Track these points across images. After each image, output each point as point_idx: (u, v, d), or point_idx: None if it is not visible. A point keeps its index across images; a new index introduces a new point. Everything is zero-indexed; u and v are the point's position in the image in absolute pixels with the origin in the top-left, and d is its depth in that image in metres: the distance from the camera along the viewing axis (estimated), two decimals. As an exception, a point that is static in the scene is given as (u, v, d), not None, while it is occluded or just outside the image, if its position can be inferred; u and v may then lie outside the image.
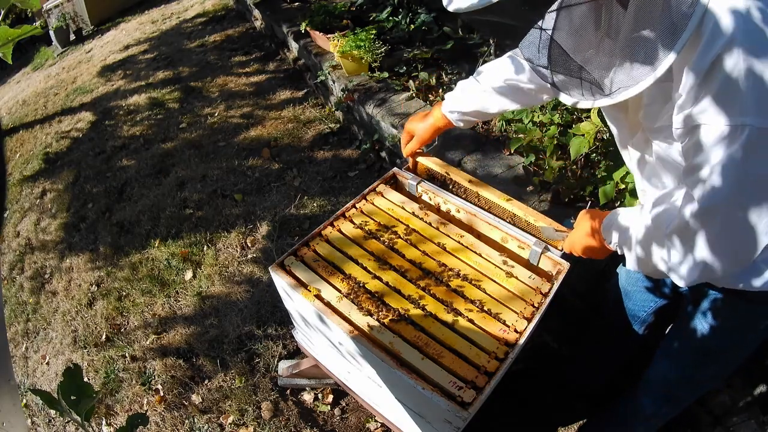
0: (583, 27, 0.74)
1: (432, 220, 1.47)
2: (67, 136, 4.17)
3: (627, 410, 1.47)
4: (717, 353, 1.15)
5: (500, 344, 1.16)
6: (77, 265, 2.90)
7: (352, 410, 1.93)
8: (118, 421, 2.08)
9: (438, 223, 1.46)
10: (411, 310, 1.23)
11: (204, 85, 4.19)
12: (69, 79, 5.19)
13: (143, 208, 3.08)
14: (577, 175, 1.91)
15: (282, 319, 2.24)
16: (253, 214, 2.82)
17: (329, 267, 1.35)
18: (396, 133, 2.63)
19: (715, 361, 1.17)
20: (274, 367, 2.08)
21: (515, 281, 1.30)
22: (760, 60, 0.68)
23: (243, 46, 4.66)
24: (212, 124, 3.68)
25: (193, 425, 1.98)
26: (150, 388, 2.15)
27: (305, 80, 3.82)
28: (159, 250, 2.76)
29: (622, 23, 0.73)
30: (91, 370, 2.31)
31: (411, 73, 2.94)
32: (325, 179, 2.95)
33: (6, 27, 0.66)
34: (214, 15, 5.52)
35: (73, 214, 3.29)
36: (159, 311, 2.46)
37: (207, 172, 3.21)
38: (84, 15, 6.45)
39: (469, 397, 1.07)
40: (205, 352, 2.21)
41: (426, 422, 1.27)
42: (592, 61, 0.77)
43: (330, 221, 1.46)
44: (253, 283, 2.46)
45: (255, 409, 1.97)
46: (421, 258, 1.36)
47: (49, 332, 2.61)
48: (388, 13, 3.35)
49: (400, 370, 1.12)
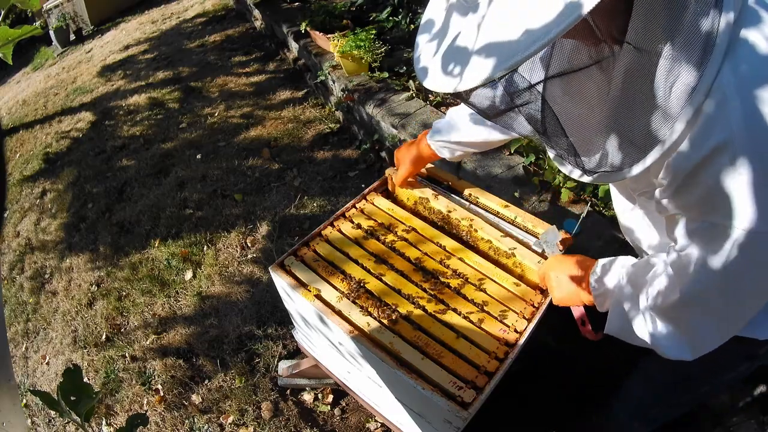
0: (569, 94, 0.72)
1: (440, 207, 1.44)
2: (67, 136, 4.17)
3: (600, 418, 1.46)
4: (693, 382, 1.11)
5: (500, 344, 1.16)
6: (77, 265, 2.90)
7: (352, 410, 1.93)
8: (118, 421, 2.08)
9: (441, 219, 1.45)
10: (411, 310, 1.23)
11: (204, 85, 4.19)
12: (69, 79, 5.19)
13: (143, 208, 3.08)
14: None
15: (282, 319, 2.24)
16: (253, 214, 2.82)
17: (329, 267, 1.35)
18: (396, 133, 2.63)
19: (688, 390, 1.14)
20: (274, 367, 2.08)
21: (513, 284, 1.30)
22: (757, 165, 0.60)
23: (243, 46, 4.66)
24: (212, 124, 3.68)
25: (193, 425, 1.98)
26: (150, 388, 2.15)
27: (305, 80, 3.82)
28: (159, 250, 2.76)
29: (607, 94, 0.69)
30: (91, 370, 2.31)
31: (411, 73, 2.94)
32: (325, 179, 2.95)
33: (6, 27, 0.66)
34: (214, 15, 5.52)
35: (73, 214, 3.28)
36: (159, 311, 2.46)
37: (207, 172, 3.21)
38: (84, 15, 6.45)
39: (469, 397, 1.07)
40: (205, 352, 2.21)
41: (426, 422, 1.27)
42: (574, 132, 0.74)
43: (330, 221, 1.46)
44: (253, 283, 2.46)
45: (255, 409, 1.97)
46: (421, 258, 1.36)
47: (49, 332, 2.61)
48: (388, 13, 3.36)
49: (400, 370, 1.12)
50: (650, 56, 0.63)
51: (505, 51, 0.59)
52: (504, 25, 0.60)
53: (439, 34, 0.70)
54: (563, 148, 0.77)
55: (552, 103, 0.72)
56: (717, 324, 0.77)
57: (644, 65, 0.64)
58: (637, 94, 0.67)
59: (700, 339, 0.79)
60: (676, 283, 0.76)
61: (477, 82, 0.62)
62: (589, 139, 0.75)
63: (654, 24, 0.62)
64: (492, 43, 0.61)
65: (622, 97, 0.68)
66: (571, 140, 0.75)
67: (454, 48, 0.66)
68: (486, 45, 0.61)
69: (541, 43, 0.56)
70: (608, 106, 0.71)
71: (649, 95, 0.65)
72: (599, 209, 1.90)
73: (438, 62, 0.68)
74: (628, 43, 0.64)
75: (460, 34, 0.65)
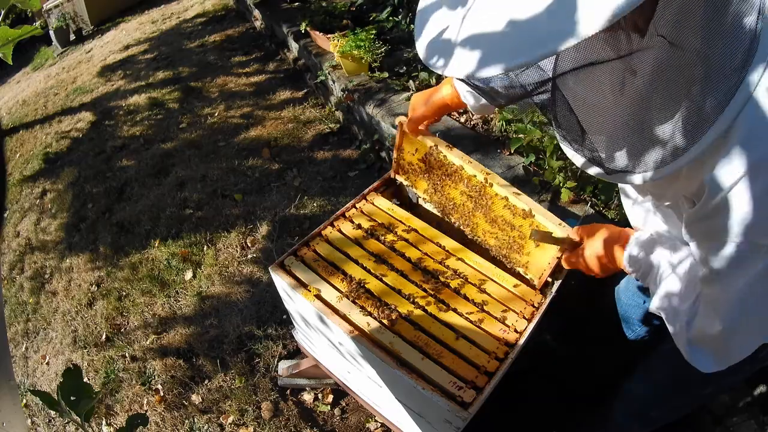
0: (591, 90, 0.64)
1: (454, 158, 1.33)
2: (67, 136, 4.17)
3: (600, 419, 1.46)
4: (693, 386, 1.10)
5: (500, 344, 1.16)
6: (77, 265, 2.90)
7: (352, 410, 1.93)
8: (118, 421, 2.08)
9: None
10: (411, 310, 1.23)
11: (204, 85, 4.19)
12: (69, 79, 5.19)
13: (143, 208, 3.08)
14: (577, 175, 1.91)
15: (282, 319, 2.24)
16: (253, 214, 2.82)
17: (329, 267, 1.34)
18: (396, 133, 2.63)
19: (689, 393, 1.13)
20: (274, 367, 2.08)
21: (513, 284, 1.30)
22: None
23: (243, 46, 4.66)
24: (212, 124, 3.68)
25: (193, 425, 1.98)
26: (150, 388, 2.15)
27: (305, 80, 3.81)
28: (159, 250, 2.76)
29: (633, 92, 0.62)
30: (91, 370, 2.31)
31: (411, 73, 2.94)
32: (325, 179, 2.95)
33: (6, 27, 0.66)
34: (214, 15, 5.51)
35: (73, 214, 3.28)
36: (159, 311, 2.46)
37: (207, 172, 3.21)
38: (84, 15, 6.44)
39: (469, 397, 1.07)
40: (205, 352, 2.21)
41: (426, 422, 1.27)
42: (593, 129, 0.67)
43: (330, 221, 1.46)
44: (253, 283, 2.46)
45: (255, 409, 1.97)
46: (421, 258, 1.36)
47: (49, 332, 2.60)
48: (388, 13, 3.35)
49: (400, 370, 1.12)
50: (684, 53, 0.56)
51: (533, 40, 0.51)
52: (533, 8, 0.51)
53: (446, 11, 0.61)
54: (579, 142, 0.70)
55: (566, 93, 0.64)
56: (752, 339, 0.76)
57: (676, 61, 0.57)
58: (667, 93, 0.60)
59: (736, 355, 0.77)
60: (715, 315, 0.72)
61: (497, 71, 0.54)
62: (608, 134, 0.68)
63: (689, 18, 0.54)
64: (514, 30, 0.52)
65: (648, 94, 0.61)
66: (588, 135, 0.68)
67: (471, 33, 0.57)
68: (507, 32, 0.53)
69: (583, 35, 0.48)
70: (630, 101, 0.64)
71: (681, 95, 0.59)
72: (599, 209, 1.90)
73: (454, 45, 0.58)
74: (662, 36, 0.56)
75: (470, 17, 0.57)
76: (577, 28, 0.48)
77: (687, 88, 0.58)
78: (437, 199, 1.43)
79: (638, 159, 0.66)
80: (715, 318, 0.73)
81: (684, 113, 0.59)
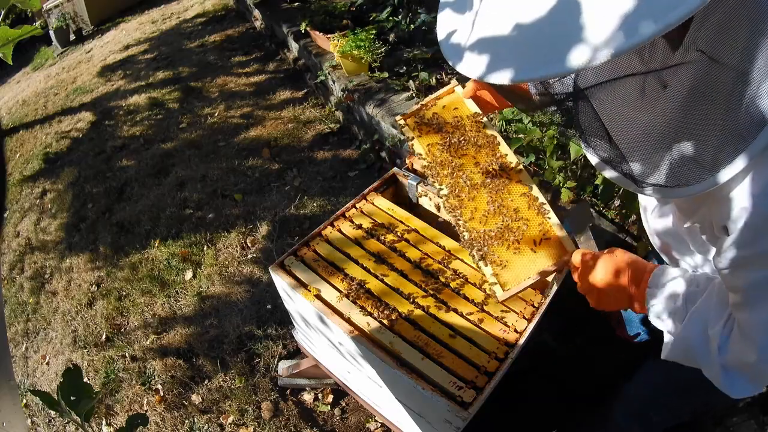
0: (616, 102, 0.61)
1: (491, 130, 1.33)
2: (67, 136, 4.16)
3: (600, 419, 1.45)
4: (694, 390, 1.07)
5: (500, 344, 1.16)
6: (77, 265, 2.90)
7: (352, 410, 1.93)
8: (118, 421, 2.08)
9: None
10: (411, 310, 1.23)
11: (204, 85, 4.19)
12: (69, 79, 5.19)
13: (143, 208, 3.08)
14: (576, 175, 1.91)
15: (282, 319, 2.24)
16: (253, 214, 2.82)
17: (329, 267, 1.34)
18: (396, 133, 2.63)
19: (689, 398, 1.11)
20: (274, 367, 2.08)
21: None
22: None
23: (243, 46, 4.66)
24: (212, 124, 3.68)
25: (193, 425, 1.98)
26: (150, 388, 2.15)
27: (305, 80, 3.82)
28: (159, 250, 2.76)
29: (667, 105, 0.59)
30: (91, 370, 2.31)
31: (411, 73, 2.94)
32: (325, 179, 2.95)
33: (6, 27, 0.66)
34: (214, 15, 5.51)
35: (73, 214, 3.28)
36: (159, 311, 2.46)
37: (207, 172, 3.21)
38: (84, 15, 6.44)
39: (469, 397, 1.07)
40: (205, 352, 2.21)
41: (426, 422, 1.27)
42: (624, 139, 0.63)
43: (330, 221, 1.46)
44: (253, 283, 2.46)
45: (255, 409, 1.97)
46: (422, 258, 1.36)
47: (49, 332, 2.60)
48: (388, 13, 3.35)
49: (400, 370, 1.12)
50: (721, 68, 0.54)
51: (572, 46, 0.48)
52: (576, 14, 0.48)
53: None
54: (607, 153, 0.67)
55: (595, 103, 0.62)
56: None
57: (715, 77, 0.55)
58: (705, 108, 0.57)
59: (766, 379, 0.75)
60: (750, 345, 0.70)
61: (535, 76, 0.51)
62: (638, 147, 0.65)
63: (731, 33, 0.53)
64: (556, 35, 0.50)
65: (686, 108, 0.59)
66: (617, 146, 0.65)
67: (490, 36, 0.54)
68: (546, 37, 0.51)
69: (630, 43, 0.46)
70: (665, 114, 0.61)
71: (720, 111, 0.56)
72: (600, 209, 1.90)
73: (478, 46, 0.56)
74: (701, 51, 0.54)
75: None
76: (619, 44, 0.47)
77: (726, 104, 0.56)
78: (439, 156, 1.32)
79: (672, 174, 0.63)
80: (750, 345, 0.70)
81: (721, 130, 0.57)
